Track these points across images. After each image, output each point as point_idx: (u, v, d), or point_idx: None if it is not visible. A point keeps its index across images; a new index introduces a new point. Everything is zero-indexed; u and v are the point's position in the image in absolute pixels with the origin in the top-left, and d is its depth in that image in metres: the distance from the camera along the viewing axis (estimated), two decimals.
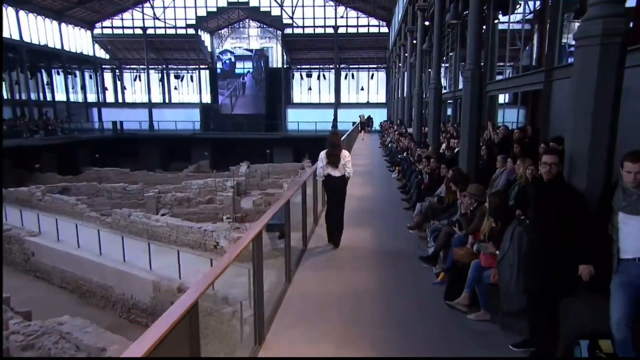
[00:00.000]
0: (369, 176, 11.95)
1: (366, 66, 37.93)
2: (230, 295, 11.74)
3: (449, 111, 15.99)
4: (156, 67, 39.83)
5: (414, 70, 17.91)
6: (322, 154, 5.82)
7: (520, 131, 7.35)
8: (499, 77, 10.75)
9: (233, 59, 37.21)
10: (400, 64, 24.26)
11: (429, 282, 4.63)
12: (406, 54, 20.37)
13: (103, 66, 39.69)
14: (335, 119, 35.62)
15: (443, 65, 14.55)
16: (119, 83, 40.40)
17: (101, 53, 39.07)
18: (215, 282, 9.30)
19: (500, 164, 6.15)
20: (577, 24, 6.55)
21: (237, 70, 37.15)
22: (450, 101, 15.31)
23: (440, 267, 4.86)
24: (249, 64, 37.08)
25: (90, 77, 38.81)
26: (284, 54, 37.28)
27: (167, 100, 40.32)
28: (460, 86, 13.61)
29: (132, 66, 40.09)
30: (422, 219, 6.19)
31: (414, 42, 17.35)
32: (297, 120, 35.45)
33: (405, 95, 19.00)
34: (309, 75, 37.94)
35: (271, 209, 3.97)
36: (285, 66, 37.51)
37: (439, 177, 6.78)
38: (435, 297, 4.21)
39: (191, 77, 39.75)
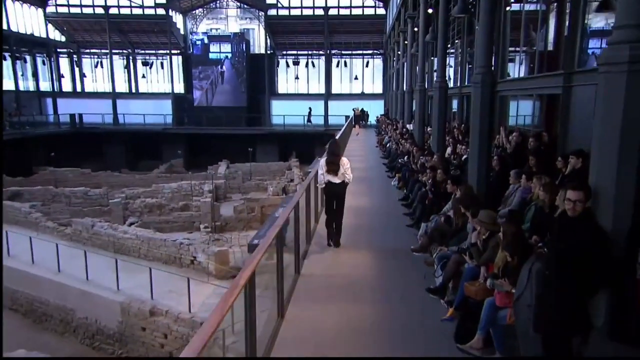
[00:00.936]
0: (366, 184, 12.01)
1: (360, 52, 38.05)
2: None
3: (454, 105, 16.15)
4: (121, 52, 39.28)
5: (415, 62, 18.04)
6: (322, 161, 6.84)
7: (535, 139, 7.50)
8: (510, 65, 10.88)
9: (207, 41, 36.79)
10: (399, 52, 24.40)
11: (436, 317, 4.70)
12: (406, 42, 20.49)
13: (58, 50, 38.98)
14: (309, 114, 35.35)
15: (448, 55, 14.67)
16: (77, 70, 39.74)
17: (56, 35, 38.34)
18: (192, 304, 9.38)
19: (513, 179, 6.28)
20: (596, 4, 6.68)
21: (212, 56, 36.79)
22: (457, 97, 15.47)
23: (449, 298, 4.95)
24: (227, 48, 36.74)
25: (44, 63, 38.07)
26: (268, 38, 37.14)
27: (133, 90, 39.86)
28: (467, 82, 13.82)
29: (92, 50, 39.48)
30: (427, 241, 6.27)
31: (415, 29, 17.47)
32: (282, 113, 35.39)
33: (405, 89, 19.12)
34: (296, 63, 37.88)
35: (261, 246, 3.99)
36: (269, 52, 37.38)
37: (446, 192, 6.87)
38: (444, 337, 4.28)
39: (161, 63, 39.33)
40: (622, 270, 3.08)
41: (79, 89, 39.94)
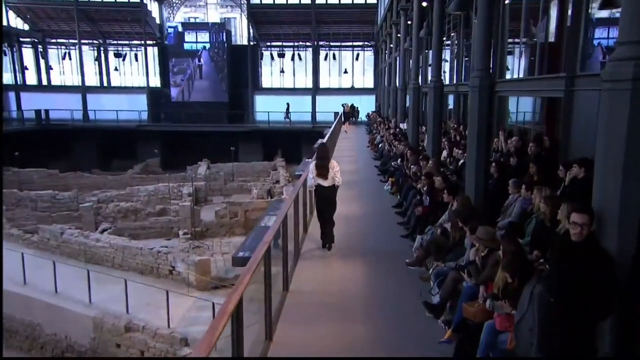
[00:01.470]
0: (356, 188, 12.07)
1: (350, 44, 38.14)
2: (190, 335, 11.70)
3: (450, 100, 16.27)
4: (91, 42, 38.72)
5: (409, 57, 18.17)
6: (312, 165, 7.48)
7: (536, 144, 7.63)
8: (509, 59, 11.00)
9: (181, 29, 36.37)
10: (391, 45, 24.52)
11: (433, 338, 4.76)
12: (399, 35, 20.60)
13: (21, 40, 38.21)
14: (287, 109, 35.22)
15: (444, 48, 14.72)
16: (42, 61, 39.03)
17: (18, 23, 37.57)
18: (171, 318, 9.33)
19: (512, 189, 6.38)
20: None
21: (187, 47, 36.39)
22: (453, 94, 15.61)
23: (446, 318, 5.02)
24: (204, 37, 36.34)
25: (5, 54, 37.26)
26: (251, 28, 36.97)
27: (105, 84, 39.37)
28: (464, 79, 13.96)
29: (59, 40, 38.83)
30: (423, 255, 6.34)
31: (409, 22, 17.58)
32: (267, 109, 35.27)
33: (398, 85, 19.23)
34: (281, 55, 37.80)
35: (248, 268, 4.00)
36: (251, 43, 37.21)
37: (443, 201, 6.95)
38: None
39: (135, 55, 38.89)
40: (628, 295, 3.16)
41: (44, 82, 39.25)
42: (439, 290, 5.20)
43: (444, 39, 15.61)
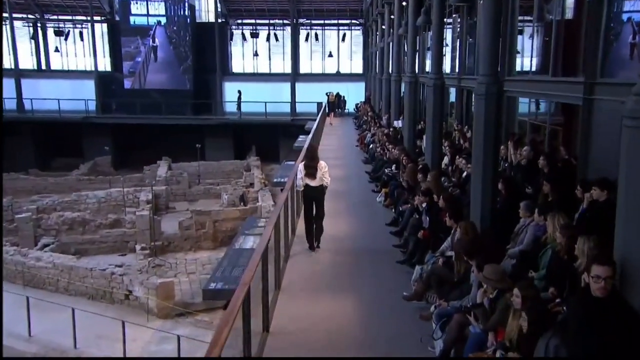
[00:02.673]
0: (345, 200, 12.18)
1: (335, 22, 38.17)
2: None
3: (452, 94, 16.48)
4: (25, 17, 37.89)
5: (403, 43, 18.34)
6: (300, 165, 8.67)
7: (549, 159, 7.84)
8: (520, 39, 11.19)
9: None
10: (383, 26, 24.70)
11: None
12: (392, 16, 20.77)
13: None
14: (239, 98, 34.75)
15: (445, 27, 14.77)
16: None
17: None
18: (128, 352, 9.38)
19: (524, 212, 6.55)
20: None
21: (136, 21, 35.66)
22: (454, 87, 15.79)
23: None
24: (158, 10, 35.72)
25: None
26: (218, 2, 36.70)
27: (44, 67, 38.61)
28: (467, 68, 14.16)
29: None
30: (423, 289, 6.47)
31: (404, 3, 17.75)
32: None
33: (392, 76, 19.41)
34: (255, 35, 37.60)
35: (224, 321, 4.06)
36: (219, 20, 36.94)
37: (445, 225, 7.09)
38: None
39: (80, 33, 38.16)
40: None
41: None
42: (442, 334, 5.33)
43: (445, 19, 15.79)
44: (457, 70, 14.88)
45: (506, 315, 4.64)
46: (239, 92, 34.95)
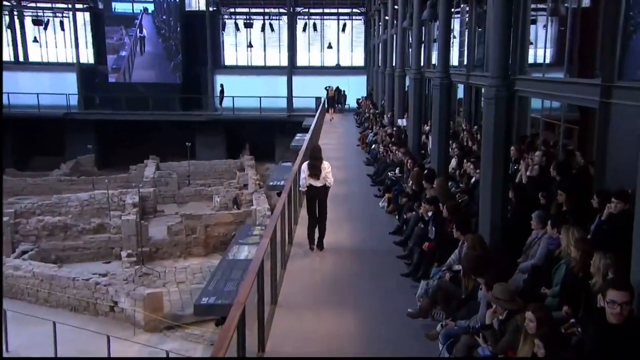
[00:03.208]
0: (346, 206, 12.22)
1: (335, 11, 38.17)
2: None
3: (460, 90, 16.53)
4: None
5: (408, 36, 18.38)
6: (304, 165, 9.29)
7: (565, 162, 7.88)
8: (532, 29, 11.20)
9: None
10: (386, 16, 24.73)
11: None
12: (396, 6, 20.82)
13: None
14: (221, 92, 34.92)
15: (453, 17, 14.71)
16: None
17: None
18: None
19: (536, 224, 6.59)
20: None
21: (119, 8, 35.55)
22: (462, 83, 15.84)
23: None
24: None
25: None
26: None
27: (21, 59, 38.48)
28: (478, 63, 14.19)
29: None
30: (428, 305, 6.50)
31: None
32: (231, 93, 35.11)
33: (396, 71, 19.45)
34: (249, 25, 37.58)
35: (219, 345, 4.09)
36: (211, 9, 36.90)
37: (453, 237, 7.12)
38: None
39: (61, 22, 38.05)
40: None
41: None
42: (449, 355, 5.38)
43: (452, 9, 15.82)
44: (465, 60, 14.87)
45: (517, 338, 4.69)
46: (221, 86, 35.07)
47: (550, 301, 5.73)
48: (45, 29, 38.22)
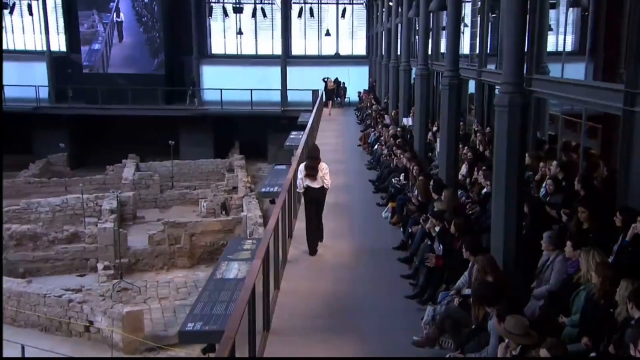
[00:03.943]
0: (345, 215, 12.31)
1: None
2: None
3: (472, 85, 16.59)
4: None
5: (414, 25, 18.43)
6: (301, 166, 9.81)
7: (586, 175, 7.94)
8: (552, 13, 11.22)
9: None
10: (390, 2, 24.80)
11: None
12: None
13: None
14: (193, 85, 35.10)
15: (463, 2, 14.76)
16: None
17: None
18: None
19: (547, 246, 6.63)
20: None
21: None
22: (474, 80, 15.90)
23: None
24: None
25: None
26: None
27: None
28: (491, 53, 14.26)
29: None
30: (436, 333, 6.56)
31: None
32: (219, 85, 35.13)
33: (401, 65, 19.51)
34: (238, 10, 37.53)
35: None
36: None
37: (463, 257, 7.17)
38: None
39: (29, 6, 37.87)
40: None
41: None
42: None
43: None
44: (477, 49, 14.87)
45: None
46: (192, 78, 35.15)
47: (569, 331, 5.79)
48: (10, 13, 37.90)
